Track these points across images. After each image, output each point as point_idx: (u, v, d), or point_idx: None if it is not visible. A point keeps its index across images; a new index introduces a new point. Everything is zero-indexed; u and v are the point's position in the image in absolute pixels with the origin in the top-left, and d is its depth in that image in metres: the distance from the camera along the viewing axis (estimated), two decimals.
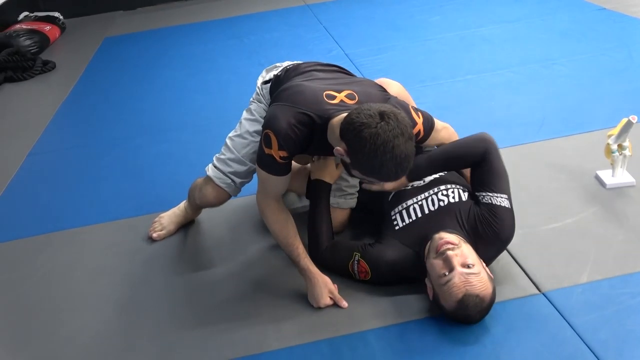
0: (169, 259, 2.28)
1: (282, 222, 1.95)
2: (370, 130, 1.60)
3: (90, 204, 2.73)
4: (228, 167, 2.16)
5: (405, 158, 1.64)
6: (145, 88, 4.14)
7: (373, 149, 1.60)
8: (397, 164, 1.63)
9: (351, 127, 1.64)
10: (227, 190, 2.17)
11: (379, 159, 1.61)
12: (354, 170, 1.74)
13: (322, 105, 1.83)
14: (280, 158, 1.83)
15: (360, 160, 1.66)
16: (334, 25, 4.88)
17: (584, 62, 3.53)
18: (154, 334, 1.93)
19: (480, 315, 1.73)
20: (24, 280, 2.27)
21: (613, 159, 2.31)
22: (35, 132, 3.59)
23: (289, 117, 1.80)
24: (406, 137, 1.63)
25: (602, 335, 1.68)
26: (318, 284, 1.90)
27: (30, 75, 4.61)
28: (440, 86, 3.45)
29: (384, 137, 1.60)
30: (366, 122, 1.61)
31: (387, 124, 1.61)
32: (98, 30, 5.79)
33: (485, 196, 1.92)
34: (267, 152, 1.84)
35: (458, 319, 1.75)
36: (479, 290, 1.69)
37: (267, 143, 1.83)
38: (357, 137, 1.62)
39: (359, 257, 1.92)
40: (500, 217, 1.88)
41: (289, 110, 1.82)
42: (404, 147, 1.62)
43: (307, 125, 1.81)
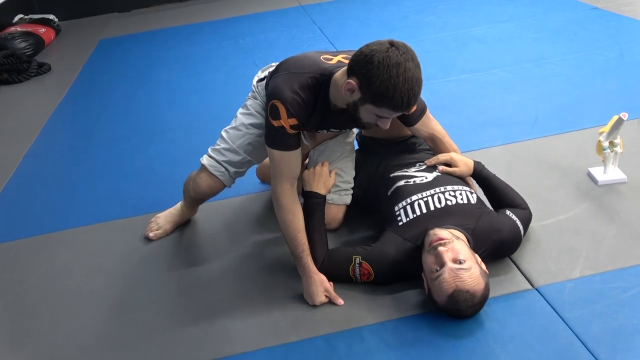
0: (165, 259, 2.29)
1: (294, 213, 1.93)
2: (382, 54, 1.62)
3: (86, 204, 2.74)
4: (222, 156, 2.17)
5: (417, 82, 1.66)
6: (140, 89, 4.16)
7: (387, 71, 1.61)
8: (409, 88, 1.64)
9: (362, 56, 1.66)
10: (221, 179, 2.19)
11: (392, 80, 1.62)
12: (363, 107, 1.73)
13: (321, 65, 1.87)
14: (290, 127, 1.85)
15: (372, 87, 1.65)
16: (329, 26, 4.90)
17: (576, 61, 3.56)
18: (151, 332, 1.94)
19: (472, 310, 1.75)
20: (22, 281, 2.28)
21: (604, 156, 2.33)
22: (32, 134, 3.60)
23: (292, 84, 1.83)
24: (415, 63, 1.66)
25: (595, 329, 1.71)
26: (314, 282, 1.92)
27: (26, 77, 4.62)
28: (434, 85, 3.47)
29: (396, 59, 1.62)
30: (377, 48, 1.64)
31: (397, 49, 1.64)
32: (93, 32, 5.80)
33: (507, 211, 2.00)
34: (277, 125, 1.85)
35: (450, 313, 1.77)
36: (470, 285, 1.71)
37: (274, 114, 1.84)
38: (369, 63, 1.64)
39: (361, 260, 1.92)
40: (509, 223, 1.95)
41: (291, 77, 1.85)
42: (415, 71, 1.65)
43: (310, 88, 1.84)
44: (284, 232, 1.97)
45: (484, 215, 1.95)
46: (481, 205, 2.00)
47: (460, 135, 2.81)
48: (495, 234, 1.91)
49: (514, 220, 1.96)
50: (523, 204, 2.08)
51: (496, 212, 2.00)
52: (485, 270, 1.80)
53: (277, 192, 1.94)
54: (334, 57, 1.93)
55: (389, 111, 1.72)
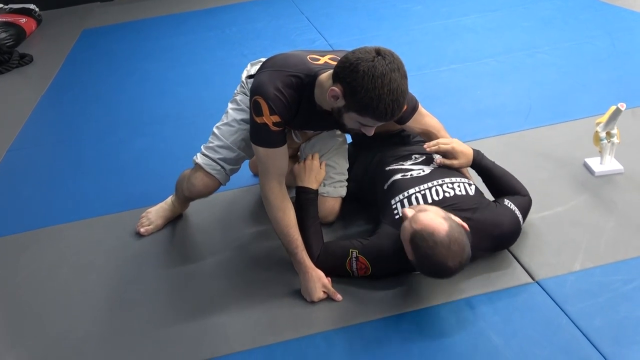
0: (157, 255, 2.24)
1: (284, 210, 1.90)
2: (368, 64, 1.59)
3: (73, 200, 2.68)
4: (217, 154, 2.13)
5: (402, 93, 1.63)
6: (126, 81, 4.08)
7: (371, 81, 1.58)
8: (393, 99, 1.61)
9: (347, 64, 1.63)
10: (217, 177, 2.14)
11: (377, 91, 1.59)
12: (347, 114, 1.70)
13: (307, 65, 1.84)
14: (273, 125, 1.81)
15: (356, 97, 1.62)
16: (317, 16, 4.84)
17: (567, 50, 3.55)
18: (145, 331, 1.89)
19: (439, 252, 1.66)
20: (8, 280, 2.21)
21: (601, 147, 2.32)
22: (14, 127, 3.51)
23: (275, 81, 1.80)
24: (402, 73, 1.63)
25: (597, 322, 1.69)
26: (312, 278, 1.88)
27: (7, 69, 4.51)
28: (425, 76, 3.44)
29: (381, 69, 1.59)
30: (363, 57, 1.61)
31: (383, 59, 1.61)
32: (75, 22, 5.69)
33: (505, 201, 1.96)
34: (260, 122, 1.82)
35: (426, 268, 1.73)
36: (426, 222, 1.69)
37: (257, 111, 1.81)
38: (354, 72, 1.60)
39: (357, 254, 1.88)
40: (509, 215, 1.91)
41: (275, 75, 1.82)
42: (400, 82, 1.62)
43: (294, 87, 1.81)
44: (275, 230, 1.94)
45: (482, 207, 1.92)
46: (480, 197, 1.97)
47: (453, 126, 2.77)
48: (496, 229, 1.89)
49: (513, 211, 1.93)
50: (522, 190, 2.05)
51: (495, 203, 1.97)
52: (464, 225, 1.75)
53: (266, 190, 1.91)
54: (321, 57, 1.89)
55: (373, 121, 1.69)
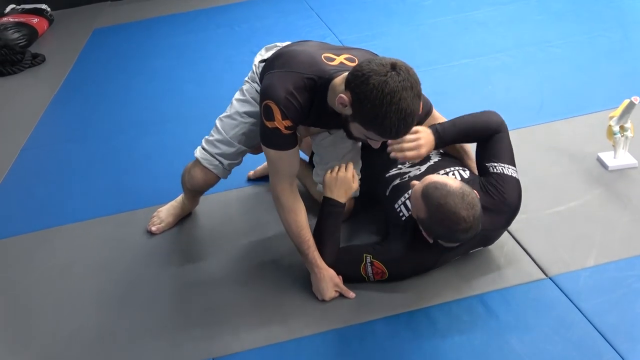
0: (168, 253, 2.25)
1: (295, 212, 1.87)
2: (380, 78, 1.53)
3: (86, 198, 2.69)
4: (215, 149, 2.11)
5: (410, 114, 1.56)
6: (137, 79, 4.08)
7: (379, 97, 1.53)
8: (400, 118, 1.55)
9: (359, 73, 1.57)
10: (214, 172, 2.13)
11: (384, 108, 1.53)
12: (353, 124, 1.66)
13: (321, 66, 1.77)
14: (285, 128, 1.76)
15: (363, 110, 1.58)
16: (326, 12, 4.82)
17: (580, 44, 3.51)
18: (157, 328, 1.90)
19: (452, 201, 1.66)
20: (22, 278, 2.23)
21: (615, 141, 2.29)
22: (28, 126, 3.53)
23: (286, 84, 1.73)
24: (415, 92, 1.56)
25: (612, 319, 1.68)
26: (324, 277, 1.87)
27: (20, 68, 4.53)
28: (436, 71, 3.42)
29: (393, 86, 1.53)
30: (376, 69, 1.55)
31: (397, 75, 1.54)
32: (87, 22, 5.70)
33: (497, 166, 1.91)
34: (271, 126, 1.76)
35: (438, 221, 1.70)
36: (436, 178, 1.73)
37: (268, 115, 1.76)
38: (364, 84, 1.55)
39: (372, 259, 1.86)
40: (508, 184, 1.88)
41: (286, 76, 1.75)
42: (410, 102, 1.55)
43: (307, 90, 1.75)
44: (287, 231, 1.91)
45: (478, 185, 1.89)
46: (474, 178, 1.94)
47: None
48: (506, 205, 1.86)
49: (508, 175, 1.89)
50: (492, 123, 1.96)
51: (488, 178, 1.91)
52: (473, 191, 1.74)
53: (277, 192, 1.88)
54: (337, 56, 1.82)
55: (377, 136, 1.64)
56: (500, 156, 1.93)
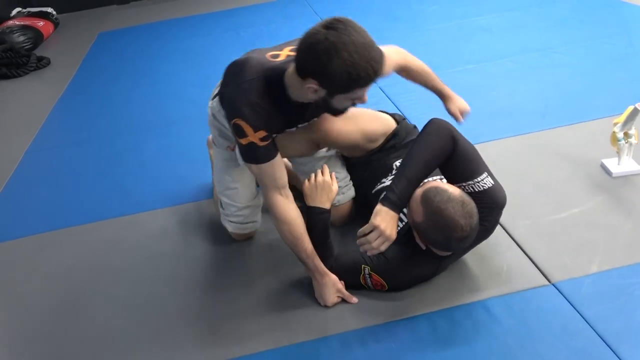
0: (173, 256, 2.25)
1: (289, 222, 1.84)
2: (324, 45, 1.53)
3: (90, 201, 2.70)
4: (240, 217, 2.17)
5: (370, 48, 1.56)
6: (142, 82, 4.10)
7: (337, 57, 1.51)
8: (367, 59, 1.54)
9: (305, 55, 1.58)
10: (252, 230, 2.23)
11: (348, 62, 1.52)
12: (334, 98, 1.65)
13: (269, 64, 1.76)
14: (260, 140, 1.75)
15: (333, 80, 1.57)
16: (331, 16, 4.83)
17: (584, 50, 3.51)
18: (160, 331, 1.91)
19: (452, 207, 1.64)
20: (27, 280, 2.24)
21: (619, 147, 2.29)
22: (32, 129, 3.55)
23: (246, 95, 1.72)
24: (357, 29, 1.56)
25: (615, 326, 1.67)
26: (326, 283, 1.86)
27: (25, 71, 4.56)
28: (441, 76, 3.34)
29: (339, 40, 1.52)
30: (314, 41, 1.55)
31: (334, 30, 1.54)
32: (92, 25, 5.73)
33: (467, 186, 1.79)
34: (246, 142, 1.76)
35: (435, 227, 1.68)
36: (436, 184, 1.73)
37: (240, 133, 1.75)
38: (316, 61, 1.55)
39: (370, 271, 1.85)
40: (491, 196, 1.80)
41: (243, 89, 1.73)
42: (361, 38, 1.55)
43: (267, 92, 1.73)
44: (287, 243, 1.88)
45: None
46: None
47: (468, 126, 2.75)
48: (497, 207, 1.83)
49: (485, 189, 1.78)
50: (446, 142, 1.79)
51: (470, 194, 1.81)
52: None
53: (270, 204, 1.87)
54: (280, 52, 1.82)
55: (362, 89, 1.63)
56: (467, 173, 1.80)
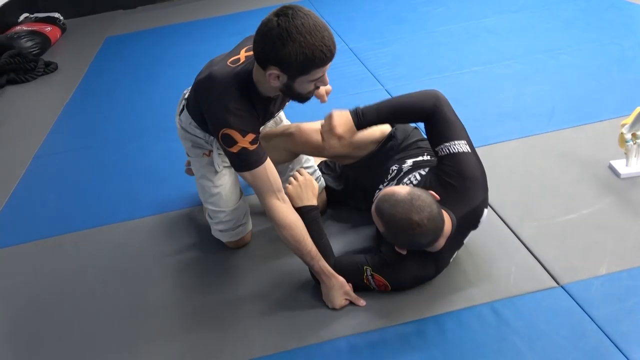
0: (180, 260, 2.25)
1: (290, 226, 1.84)
2: (277, 31, 1.61)
3: (98, 205, 2.71)
4: (230, 222, 2.18)
5: (321, 28, 1.64)
6: (149, 87, 4.12)
7: (292, 42, 1.60)
8: (320, 38, 1.63)
9: (261, 45, 1.66)
10: (245, 234, 2.23)
11: (303, 44, 1.61)
12: (296, 82, 1.71)
13: (234, 70, 1.83)
14: (250, 144, 1.80)
15: (292, 63, 1.64)
16: (337, 19, 4.84)
17: (590, 51, 3.50)
18: (168, 335, 1.91)
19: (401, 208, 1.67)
20: (35, 284, 2.25)
21: (627, 148, 2.28)
22: (40, 133, 3.57)
23: (226, 105, 1.78)
24: (305, 12, 1.65)
25: (624, 327, 1.66)
26: (333, 286, 1.86)
27: (33, 76, 4.59)
28: (447, 78, 3.42)
29: (291, 25, 1.61)
30: (267, 30, 1.64)
31: (284, 16, 1.63)
32: (99, 30, 5.76)
33: (445, 147, 1.85)
34: (237, 150, 1.79)
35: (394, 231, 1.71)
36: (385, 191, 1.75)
37: (230, 142, 1.79)
38: (272, 48, 1.63)
39: (372, 271, 1.85)
40: (462, 162, 1.83)
41: (220, 100, 1.80)
42: (311, 20, 1.63)
43: (243, 97, 1.80)
44: (291, 247, 1.87)
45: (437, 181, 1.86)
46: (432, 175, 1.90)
47: (475, 128, 2.73)
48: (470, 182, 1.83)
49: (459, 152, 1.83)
50: (429, 102, 1.90)
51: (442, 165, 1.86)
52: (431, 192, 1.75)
53: (268, 210, 1.87)
54: (238, 55, 1.89)
55: (320, 69, 1.70)
56: (444, 135, 1.87)
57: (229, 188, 2.17)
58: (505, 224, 2.13)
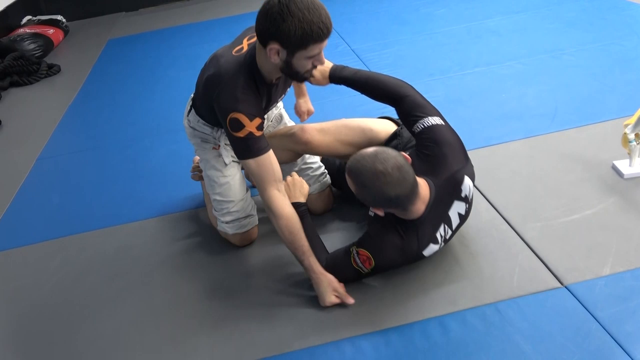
0: (183, 262, 2.26)
1: (287, 217, 1.89)
2: (277, 7, 1.70)
3: (101, 207, 2.71)
4: (237, 213, 2.19)
5: (319, 6, 1.72)
6: (151, 89, 4.13)
7: (291, 16, 1.68)
8: (318, 15, 1.70)
9: (262, 23, 1.74)
10: (254, 227, 2.24)
11: (301, 19, 1.68)
12: (294, 57, 1.77)
13: (238, 58, 1.91)
14: (257, 129, 1.86)
15: (291, 38, 1.71)
16: (339, 21, 4.84)
17: (593, 52, 3.50)
18: (172, 337, 1.91)
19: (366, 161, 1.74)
20: (38, 286, 2.25)
21: (630, 149, 2.28)
22: (44, 135, 3.58)
23: (234, 92, 1.85)
24: None
25: (629, 328, 1.66)
26: (322, 283, 1.89)
27: (36, 79, 4.60)
28: (450, 79, 3.42)
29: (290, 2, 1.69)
30: (269, 7, 1.72)
31: None
32: (101, 32, 5.78)
33: (418, 125, 1.94)
34: (243, 135, 1.86)
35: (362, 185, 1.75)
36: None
37: (237, 127, 1.85)
38: (273, 23, 1.71)
39: (356, 248, 1.89)
40: (436, 131, 1.92)
41: (227, 87, 1.86)
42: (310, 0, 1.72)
43: (249, 83, 1.87)
44: (284, 240, 1.92)
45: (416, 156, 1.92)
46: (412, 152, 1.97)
47: (478, 129, 2.78)
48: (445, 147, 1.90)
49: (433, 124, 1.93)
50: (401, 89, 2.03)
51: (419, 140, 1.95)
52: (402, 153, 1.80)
53: (266, 200, 1.91)
54: (241, 44, 1.97)
55: (317, 45, 1.76)
56: (419, 114, 1.96)
57: (238, 179, 2.21)
58: (509, 224, 2.13)
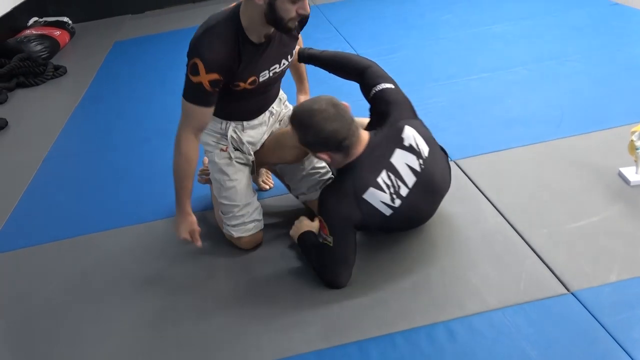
0: (190, 264, 2.26)
1: (189, 162, 1.99)
2: None
3: (108, 208, 2.72)
4: (244, 217, 2.20)
5: None
6: (158, 90, 4.14)
7: None
8: None
9: None
10: (259, 231, 2.25)
11: None
12: (279, 5, 1.81)
13: (224, 12, 1.96)
14: (209, 84, 1.89)
15: None
16: (345, 25, 4.86)
17: (599, 58, 3.50)
18: (178, 339, 1.91)
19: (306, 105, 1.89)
20: (45, 287, 2.26)
21: (637, 156, 2.28)
22: (50, 136, 3.59)
23: (207, 37, 1.89)
24: None
25: (635, 335, 1.66)
26: (185, 220, 2.06)
27: (42, 80, 4.62)
28: (455, 85, 3.43)
29: None
30: None
31: None
32: (107, 34, 5.80)
33: (374, 92, 2.07)
34: (195, 81, 1.89)
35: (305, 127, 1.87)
36: None
37: (194, 71, 1.88)
38: None
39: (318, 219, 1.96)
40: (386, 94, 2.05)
41: (204, 33, 1.90)
42: None
43: (226, 35, 1.89)
44: (174, 174, 2.03)
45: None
46: None
47: (484, 135, 2.78)
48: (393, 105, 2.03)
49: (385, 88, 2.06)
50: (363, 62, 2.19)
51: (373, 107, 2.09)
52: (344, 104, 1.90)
53: (181, 139, 1.99)
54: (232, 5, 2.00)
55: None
56: (376, 82, 2.08)
57: (244, 184, 2.22)
58: (515, 230, 2.14)
